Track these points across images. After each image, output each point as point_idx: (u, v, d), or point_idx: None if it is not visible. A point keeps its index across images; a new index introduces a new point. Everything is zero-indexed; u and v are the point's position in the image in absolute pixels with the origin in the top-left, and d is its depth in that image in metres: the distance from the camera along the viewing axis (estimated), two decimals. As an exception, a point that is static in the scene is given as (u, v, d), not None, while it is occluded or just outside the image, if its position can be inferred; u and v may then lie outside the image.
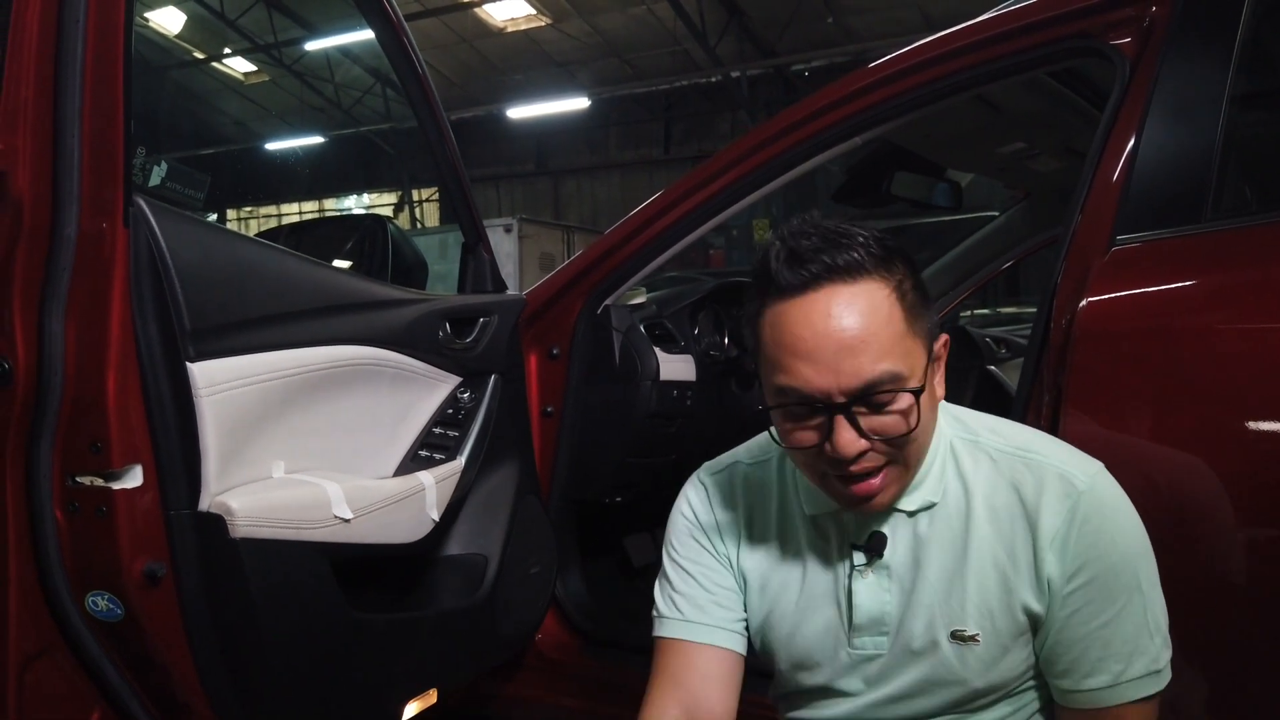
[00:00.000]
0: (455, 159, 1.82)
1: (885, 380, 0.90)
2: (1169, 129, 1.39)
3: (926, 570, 1.01)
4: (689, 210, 1.92)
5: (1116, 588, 0.96)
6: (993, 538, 0.99)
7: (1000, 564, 0.98)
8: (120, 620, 1.17)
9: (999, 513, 0.99)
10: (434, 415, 1.72)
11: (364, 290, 1.56)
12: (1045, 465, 0.99)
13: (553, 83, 15.42)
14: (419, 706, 1.56)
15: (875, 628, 1.04)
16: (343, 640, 1.38)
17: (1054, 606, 0.97)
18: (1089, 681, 0.97)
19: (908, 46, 1.70)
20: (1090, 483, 0.97)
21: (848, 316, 0.90)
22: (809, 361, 0.90)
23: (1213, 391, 1.25)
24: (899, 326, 0.92)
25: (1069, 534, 0.96)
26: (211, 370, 1.20)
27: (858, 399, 0.91)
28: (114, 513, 1.14)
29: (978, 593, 0.99)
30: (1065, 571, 0.96)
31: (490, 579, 1.74)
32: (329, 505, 1.33)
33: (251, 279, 1.29)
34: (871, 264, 0.92)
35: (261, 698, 1.29)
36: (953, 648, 1.00)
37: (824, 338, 0.90)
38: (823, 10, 12.64)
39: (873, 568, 1.03)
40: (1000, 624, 0.99)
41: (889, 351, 0.90)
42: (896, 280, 0.93)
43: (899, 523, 1.03)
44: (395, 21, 1.64)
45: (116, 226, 1.11)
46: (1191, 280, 1.34)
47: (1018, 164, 2.68)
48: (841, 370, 0.90)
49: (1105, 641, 0.96)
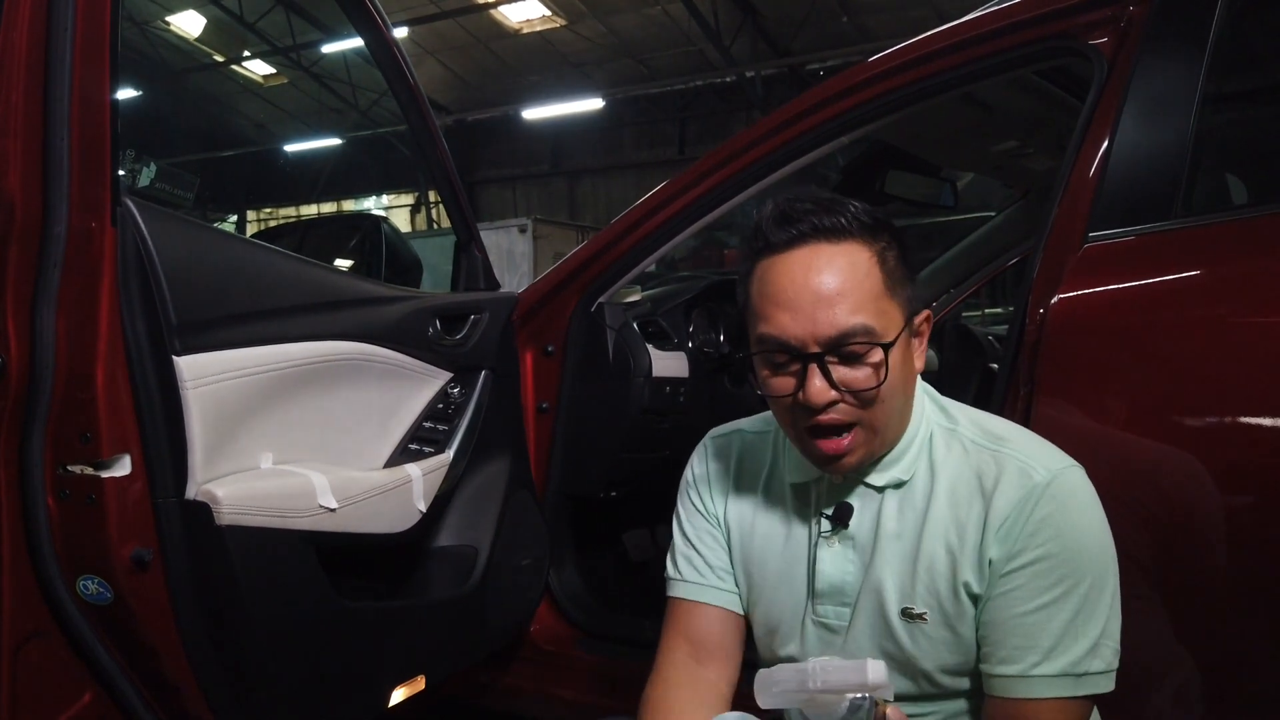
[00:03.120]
0: (445, 159, 1.86)
1: (858, 332, 0.96)
2: (1143, 128, 1.41)
3: (884, 547, 1.05)
4: (679, 210, 1.95)
5: (1052, 579, 0.96)
6: (948, 520, 1.02)
7: (950, 545, 1.01)
8: (110, 604, 1.22)
9: (958, 497, 1.02)
10: (424, 410, 1.76)
11: (353, 287, 1.60)
12: (1011, 457, 1.01)
13: (568, 84, 15.46)
14: (406, 692, 1.59)
15: (836, 596, 1.07)
16: (328, 626, 1.42)
17: (991, 585, 0.99)
18: (1002, 667, 0.98)
19: (893, 48, 1.73)
20: (1050, 476, 0.98)
21: (828, 271, 0.97)
22: (788, 310, 0.97)
23: (1181, 383, 1.28)
24: (876, 287, 0.98)
25: (1015, 519, 0.98)
26: (198, 364, 1.24)
27: (830, 349, 0.97)
28: (103, 500, 1.18)
29: (927, 572, 1.02)
30: (1005, 554, 0.98)
31: (480, 570, 1.78)
32: (314, 495, 1.37)
33: (238, 276, 1.33)
34: (857, 229, 0.99)
35: (248, 680, 1.33)
36: (903, 625, 1.03)
37: (804, 289, 0.97)
38: (837, 10, 12.61)
39: (838, 537, 1.08)
40: (946, 604, 1.01)
41: (863, 307, 0.97)
42: (879, 247, 1.00)
43: (867, 497, 1.07)
44: (380, 24, 1.68)
45: (105, 225, 1.16)
46: (1160, 276, 1.36)
47: (1013, 163, 2.69)
48: (818, 320, 0.96)
49: (1028, 631, 0.96)
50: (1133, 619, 1.01)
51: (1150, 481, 1.27)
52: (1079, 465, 1.02)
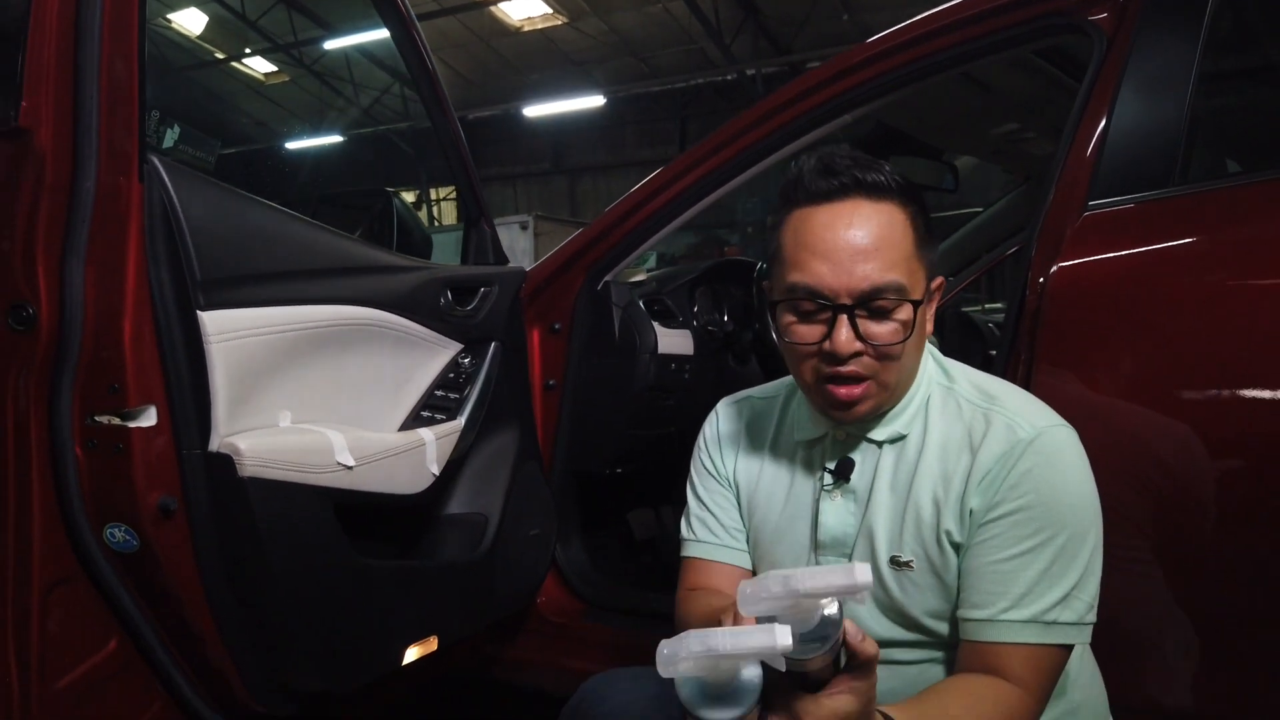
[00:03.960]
0: (457, 135, 1.89)
1: (891, 288, 1.00)
2: (1142, 100, 1.44)
3: (878, 497, 1.09)
4: (684, 188, 1.98)
5: (1030, 530, 0.99)
6: (936, 473, 1.06)
7: (936, 496, 1.05)
8: (135, 551, 1.25)
9: (948, 452, 1.06)
10: (436, 379, 1.79)
11: (368, 255, 1.63)
12: (1000, 414, 1.05)
13: (569, 81, 15.49)
14: (420, 651, 1.62)
15: (838, 547, 1.11)
16: (346, 581, 1.45)
17: (970, 536, 1.02)
18: (974, 611, 1.01)
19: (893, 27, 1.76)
20: (1036, 433, 1.01)
21: (868, 227, 1.00)
22: (826, 261, 1.00)
23: (1179, 347, 1.31)
24: (910, 247, 1.02)
25: (998, 472, 1.01)
26: (221, 319, 1.28)
27: (862, 302, 1.00)
28: (130, 450, 1.22)
29: (914, 522, 1.06)
30: (985, 504, 1.01)
31: (490, 538, 1.81)
32: (332, 452, 1.41)
33: (259, 237, 1.37)
34: (895, 189, 1.03)
35: (268, 630, 1.36)
36: (892, 572, 1.07)
37: (843, 241, 1.00)
38: (838, 8, 12.66)
39: (840, 490, 1.12)
40: (931, 552, 1.05)
41: (897, 265, 1.00)
42: (914, 210, 1.04)
43: (868, 452, 1.11)
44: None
45: (132, 182, 1.19)
46: (1159, 243, 1.39)
47: (1012, 147, 2.73)
48: (854, 273, 1.00)
49: (1001, 577, 0.99)
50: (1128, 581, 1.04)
51: (1148, 446, 1.30)
52: (1069, 425, 1.05)
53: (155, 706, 1.36)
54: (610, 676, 1.16)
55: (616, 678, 1.15)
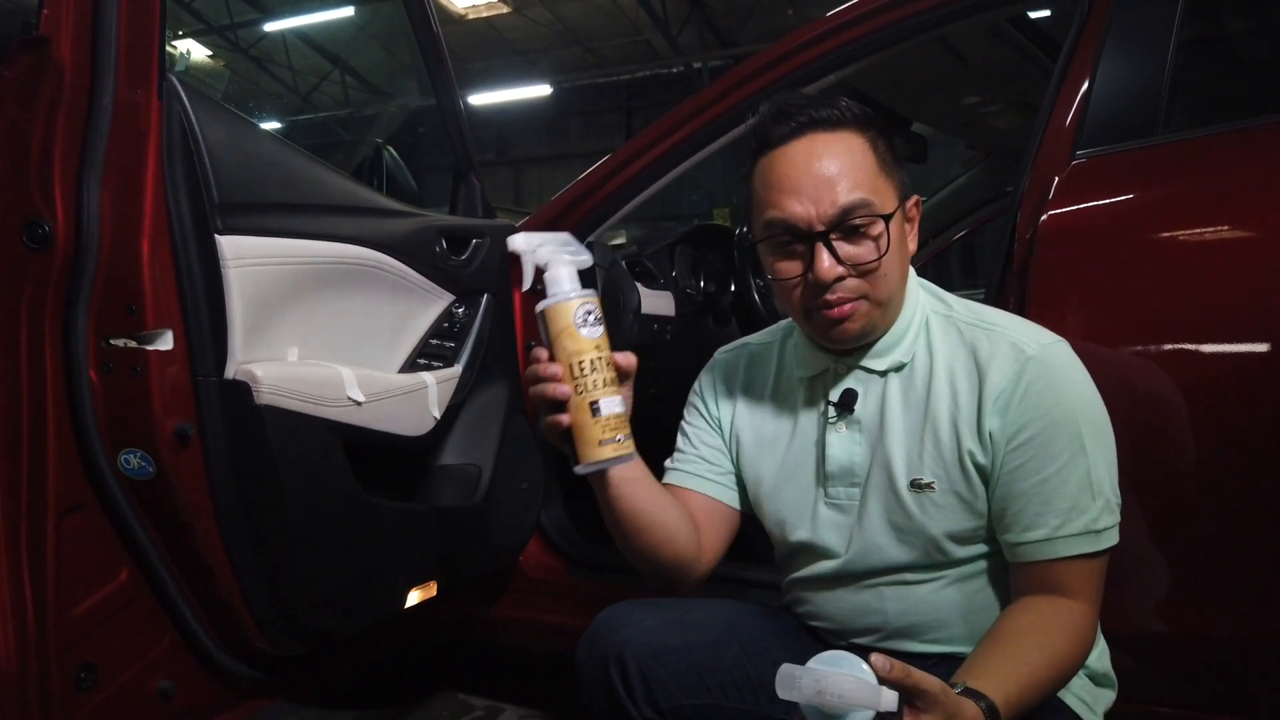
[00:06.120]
0: (451, 82, 1.88)
1: (858, 206, 1.04)
2: (1125, 53, 1.50)
3: (891, 425, 1.12)
4: (668, 149, 1.98)
5: (1058, 446, 1.03)
6: (948, 395, 1.09)
7: (953, 417, 1.08)
8: (150, 478, 1.23)
9: (956, 373, 1.09)
10: (430, 328, 1.78)
11: (369, 198, 1.62)
12: (1003, 334, 1.09)
13: (514, 71, 15.38)
14: (420, 595, 1.62)
15: (847, 478, 1.14)
16: (354, 518, 1.44)
17: (998, 461, 1.06)
18: (1028, 534, 1.04)
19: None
20: (1040, 350, 1.06)
21: (827, 156, 1.04)
22: (793, 194, 1.05)
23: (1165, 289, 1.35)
24: (872, 167, 1.06)
25: (1013, 394, 1.05)
26: (238, 245, 1.26)
27: (834, 225, 1.04)
28: (147, 373, 1.20)
29: (933, 444, 1.09)
30: (1007, 429, 1.05)
31: (484, 487, 1.81)
32: (343, 386, 1.40)
33: (272, 168, 1.35)
34: (850, 118, 1.07)
35: (279, 564, 1.35)
36: (912, 496, 1.09)
37: (806, 174, 1.04)
38: (783, 2, 12.79)
39: (845, 421, 1.14)
40: (952, 472, 1.08)
41: (861, 184, 1.04)
42: (871, 135, 1.08)
43: (870, 382, 1.14)
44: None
45: (151, 98, 1.17)
46: (1143, 188, 1.45)
47: (980, 120, 2.81)
48: (821, 200, 1.04)
49: (1045, 497, 1.03)
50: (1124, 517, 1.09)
51: (1138, 389, 1.34)
52: (1065, 340, 1.10)
53: (164, 641, 1.34)
54: (626, 605, 1.17)
55: (633, 606, 1.16)
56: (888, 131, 1.11)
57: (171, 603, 1.33)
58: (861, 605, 1.15)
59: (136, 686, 1.31)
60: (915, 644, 1.13)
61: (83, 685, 1.23)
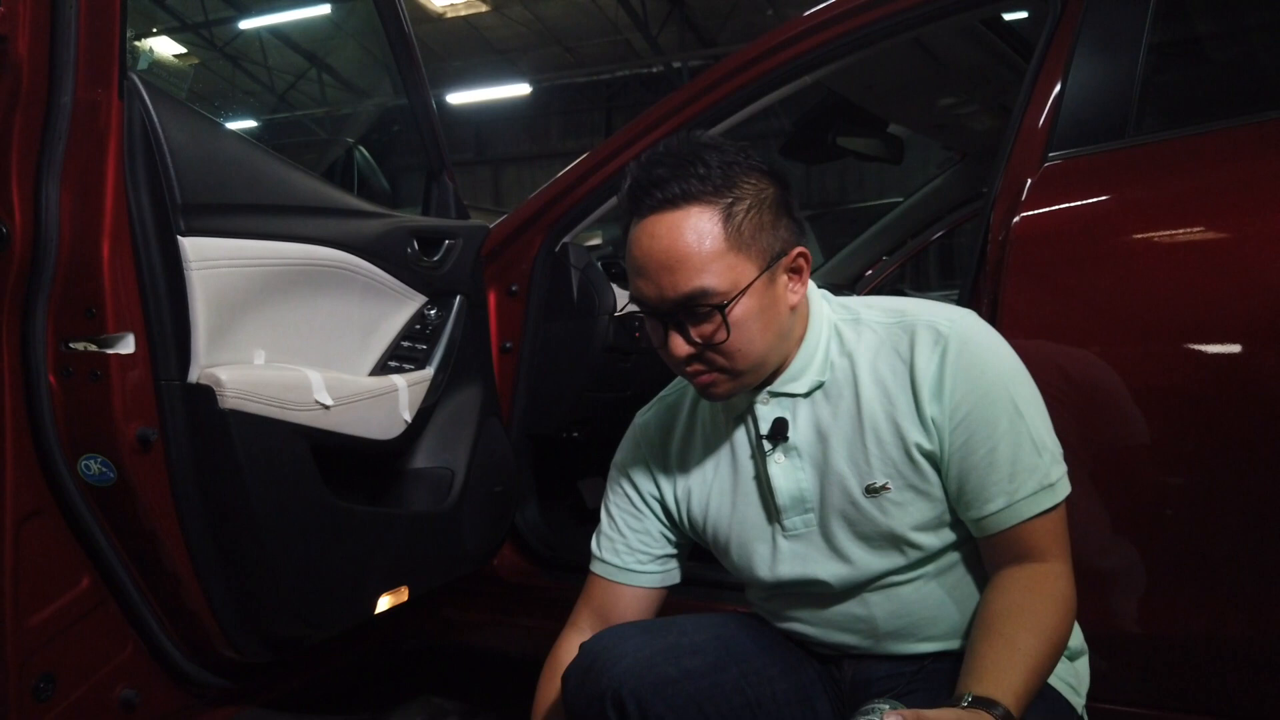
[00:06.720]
0: (422, 81, 1.87)
1: (696, 295, 1.02)
2: (1097, 56, 1.50)
3: (831, 441, 1.11)
4: (640, 151, 1.97)
5: (994, 414, 1.04)
6: (879, 395, 1.09)
7: (889, 414, 1.08)
8: (112, 485, 1.21)
9: (881, 372, 1.09)
10: (402, 330, 1.76)
11: (339, 199, 1.60)
12: (916, 321, 1.09)
13: (493, 70, 15.32)
14: (391, 601, 1.60)
15: (799, 507, 1.13)
16: (323, 523, 1.42)
17: (945, 443, 1.06)
18: (988, 507, 1.04)
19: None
20: (952, 326, 1.06)
21: (667, 239, 1.02)
22: (641, 276, 1.04)
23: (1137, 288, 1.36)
24: (718, 247, 1.02)
25: (942, 376, 1.05)
26: (201, 246, 1.24)
27: (678, 309, 1.03)
28: (108, 377, 1.17)
29: (876, 446, 1.08)
30: (947, 410, 1.05)
31: (457, 491, 1.79)
32: (310, 389, 1.38)
33: (237, 168, 1.33)
34: (702, 190, 1.03)
35: (245, 570, 1.33)
36: (870, 501, 1.09)
37: (649, 257, 1.03)
38: (763, 2, 12.82)
39: (783, 450, 1.13)
40: (902, 468, 1.07)
41: (703, 270, 1.01)
42: (726, 204, 1.03)
43: (797, 406, 1.13)
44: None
45: (111, 97, 1.15)
46: (1115, 190, 1.45)
47: (955, 121, 2.81)
48: (663, 285, 1.03)
49: (994, 466, 1.03)
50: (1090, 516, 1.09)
51: (1109, 389, 1.35)
52: (971, 310, 1.11)
53: (127, 650, 1.32)
54: (617, 633, 1.14)
55: (625, 634, 1.14)
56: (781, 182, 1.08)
57: (135, 610, 1.30)
58: (847, 615, 1.14)
59: (98, 696, 1.28)
60: (906, 645, 1.13)
61: (41, 695, 1.20)
